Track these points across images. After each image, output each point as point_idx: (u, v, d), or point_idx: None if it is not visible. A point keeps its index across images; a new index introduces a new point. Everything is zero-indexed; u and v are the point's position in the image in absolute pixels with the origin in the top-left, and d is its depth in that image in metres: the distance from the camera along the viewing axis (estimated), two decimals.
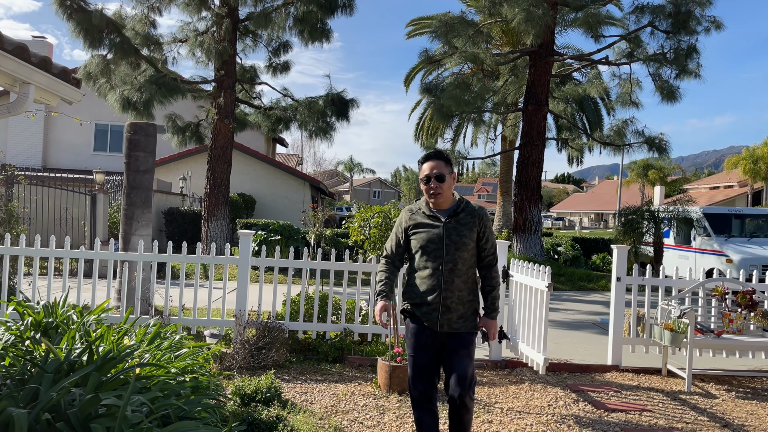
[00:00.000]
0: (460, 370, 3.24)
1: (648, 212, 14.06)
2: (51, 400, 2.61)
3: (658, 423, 4.58)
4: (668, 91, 14.33)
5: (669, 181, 45.78)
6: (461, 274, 3.30)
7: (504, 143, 24.24)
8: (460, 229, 3.32)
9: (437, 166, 3.37)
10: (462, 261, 3.30)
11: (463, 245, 3.31)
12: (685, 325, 5.52)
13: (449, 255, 3.28)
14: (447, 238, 3.30)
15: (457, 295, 3.29)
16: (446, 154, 3.44)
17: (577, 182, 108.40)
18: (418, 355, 3.33)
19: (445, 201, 3.39)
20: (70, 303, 4.97)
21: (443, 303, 3.27)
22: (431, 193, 3.36)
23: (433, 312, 3.29)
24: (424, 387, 3.32)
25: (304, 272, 6.32)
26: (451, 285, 3.27)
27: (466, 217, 3.37)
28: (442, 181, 3.35)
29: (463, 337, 3.31)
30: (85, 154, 25.22)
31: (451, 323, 3.29)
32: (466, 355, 3.28)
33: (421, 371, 3.32)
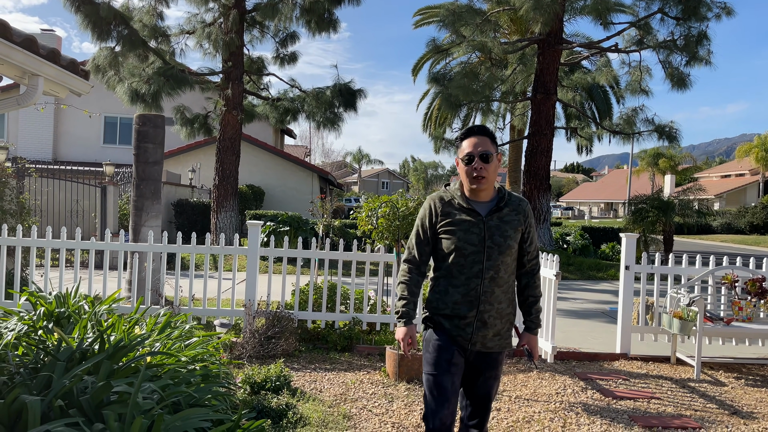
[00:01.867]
0: (483, 393, 2.78)
1: (658, 201, 13.99)
2: (64, 387, 2.66)
3: (667, 410, 4.58)
4: (678, 78, 14.20)
5: (680, 170, 45.45)
6: (502, 282, 2.72)
7: (513, 132, 24.14)
8: (503, 228, 2.70)
9: (482, 143, 2.70)
10: (504, 267, 2.72)
11: (508, 248, 2.70)
12: (694, 313, 5.50)
13: (491, 260, 2.67)
14: (489, 239, 2.68)
15: (496, 308, 2.71)
16: (492, 132, 2.78)
17: (586, 171, 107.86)
18: (441, 375, 2.70)
19: (488, 189, 2.74)
20: (81, 293, 5.03)
21: (480, 317, 2.69)
22: (474, 176, 2.68)
23: (466, 327, 2.70)
24: (444, 416, 2.68)
25: (313, 262, 6.35)
26: (490, 296, 2.69)
27: (510, 214, 2.74)
28: (488, 162, 2.68)
29: (494, 357, 2.78)
30: (95, 147, 25.37)
31: (485, 341, 2.73)
32: (493, 377, 2.79)
33: (444, 396, 2.68)
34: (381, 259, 6.28)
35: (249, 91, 15.49)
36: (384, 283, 6.48)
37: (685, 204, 14.63)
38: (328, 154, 60.72)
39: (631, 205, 15.05)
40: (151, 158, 6.98)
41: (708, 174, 53.86)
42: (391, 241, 5.81)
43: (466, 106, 16.09)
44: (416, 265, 2.84)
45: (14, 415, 2.57)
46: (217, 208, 14.40)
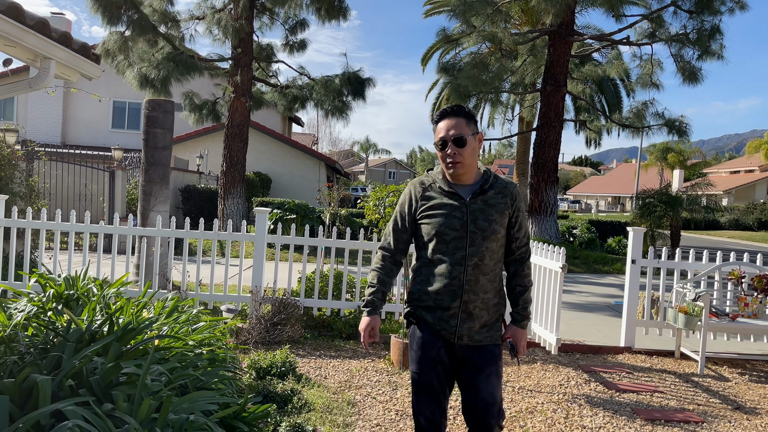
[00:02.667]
0: (486, 394, 2.53)
1: (666, 196, 13.93)
2: (74, 367, 2.69)
3: (670, 404, 4.60)
4: (690, 72, 14.09)
5: (689, 165, 45.18)
6: (488, 270, 2.54)
7: (521, 124, 24.04)
8: (488, 211, 2.54)
9: (456, 125, 2.51)
10: (490, 254, 2.54)
11: (493, 233, 2.53)
12: (699, 308, 5.50)
13: (474, 246, 2.50)
14: (472, 223, 2.51)
15: (481, 298, 2.54)
16: (468, 110, 2.58)
17: (594, 165, 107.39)
18: (425, 372, 2.56)
19: (467, 173, 2.56)
20: (90, 276, 5.07)
21: (464, 308, 2.52)
22: (448, 162, 2.53)
23: (450, 319, 2.53)
24: (432, 413, 2.57)
25: (319, 250, 6.38)
26: (475, 285, 2.52)
27: (495, 196, 2.57)
28: (462, 146, 2.50)
29: (487, 350, 2.57)
30: (104, 131, 25.45)
31: (471, 334, 2.54)
32: (494, 374, 2.56)
33: (429, 393, 2.56)
34: None
35: (258, 78, 15.48)
36: None
37: (693, 199, 14.58)
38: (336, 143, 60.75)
39: (639, 199, 15.01)
40: (160, 143, 7.00)
41: (717, 169, 53.51)
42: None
43: (476, 96, 16.03)
44: (391, 253, 2.69)
45: (25, 394, 2.61)
46: (225, 194, 14.45)
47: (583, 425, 4.07)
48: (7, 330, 4.10)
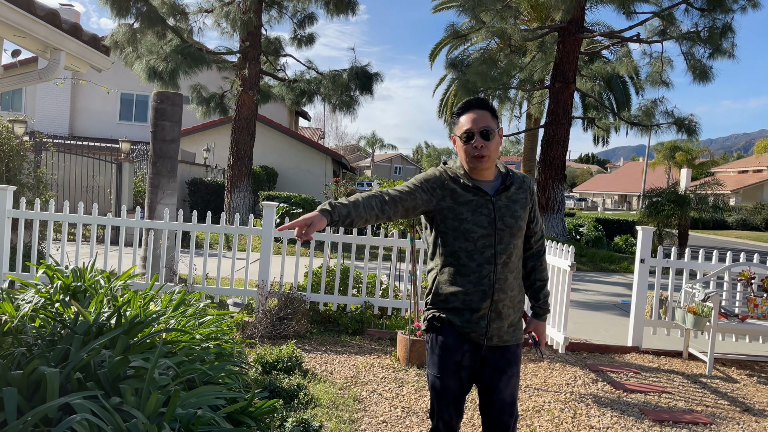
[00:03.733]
0: (506, 395, 2.50)
1: (674, 194, 13.85)
2: (81, 360, 2.69)
3: (678, 405, 4.57)
4: (701, 71, 13.98)
5: (696, 164, 44.91)
6: (514, 267, 2.49)
7: (529, 121, 23.95)
8: (513, 208, 2.48)
9: (482, 118, 2.43)
10: (516, 251, 2.49)
11: (519, 230, 2.48)
12: (708, 308, 5.46)
13: (503, 244, 2.43)
14: (500, 220, 2.44)
15: (509, 297, 2.47)
16: (492, 105, 2.50)
17: (601, 163, 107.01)
18: (448, 377, 2.48)
19: (490, 168, 2.48)
20: (97, 269, 5.07)
21: (494, 308, 2.43)
22: (475, 155, 2.42)
23: (480, 320, 2.43)
24: (450, 417, 2.54)
25: (326, 245, 6.36)
26: (504, 284, 2.44)
27: (517, 192, 2.52)
28: (489, 140, 2.43)
29: (512, 351, 2.51)
30: (111, 123, 25.50)
31: (501, 334, 2.46)
32: (515, 375, 2.52)
33: (451, 398, 2.51)
34: (394, 244, 6.28)
35: (266, 72, 15.46)
36: (396, 268, 6.48)
37: (702, 198, 14.48)
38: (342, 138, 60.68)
39: (647, 197, 14.92)
40: (168, 136, 6.99)
41: (725, 169, 53.20)
42: (405, 226, 5.80)
43: (484, 92, 15.96)
44: (383, 198, 2.41)
45: (33, 386, 2.61)
46: (231, 188, 14.45)
47: (591, 425, 4.04)
48: (14, 321, 4.10)
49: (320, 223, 2.25)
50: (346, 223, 2.35)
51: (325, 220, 2.27)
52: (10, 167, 7.82)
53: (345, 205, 2.33)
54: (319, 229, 2.26)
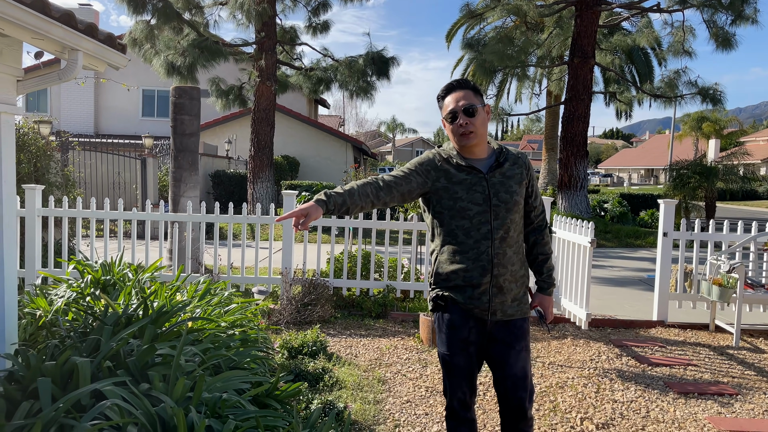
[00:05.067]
0: (517, 369, 2.54)
1: (700, 166, 13.61)
2: (111, 349, 2.79)
3: (704, 377, 4.55)
4: (723, 38, 13.64)
5: (725, 134, 43.85)
6: (512, 243, 2.53)
7: (549, 98, 23.64)
8: (507, 183, 2.52)
9: (464, 96, 2.50)
10: (514, 226, 2.53)
11: (515, 205, 2.52)
12: (734, 279, 5.40)
13: (499, 219, 2.48)
14: (494, 197, 2.48)
15: (510, 271, 2.51)
16: (475, 84, 2.56)
17: (626, 137, 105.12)
18: (457, 354, 2.55)
19: (479, 145, 2.53)
20: (125, 262, 5.21)
21: (495, 282, 2.49)
22: (461, 133, 2.48)
23: (482, 296, 2.49)
24: (464, 394, 2.59)
25: (347, 231, 6.42)
26: (503, 258, 2.49)
27: (511, 168, 2.56)
28: (473, 115, 2.47)
29: (518, 325, 2.56)
30: (134, 120, 25.88)
31: (504, 308, 2.52)
32: (524, 349, 2.56)
33: (462, 375, 2.56)
34: (414, 227, 6.31)
35: (282, 62, 15.51)
36: (417, 252, 6.52)
37: (729, 169, 14.20)
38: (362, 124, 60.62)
39: (673, 170, 14.68)
40: (187, 130, 7.10)
41: (755, 138, 51.86)
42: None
43: (501, 71, 15.80)
44: (379, 184, 2.47)
45: (66, 375, 2.72)
46: (254, 178, 14.60)
47: (614, 399, 4.06)
48: (48, 315, 4.26)
49: (316, 213, 2.29)
50: (342, 211, 2.40)
51: (321, 210, 2.32)
52: (38, 167, 8.03)
53: (340, 194, 2.38)
54: (315, 219, 2.30)
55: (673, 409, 3.92)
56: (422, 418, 3.73)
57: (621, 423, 3.69)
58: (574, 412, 3.83)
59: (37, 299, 4.42)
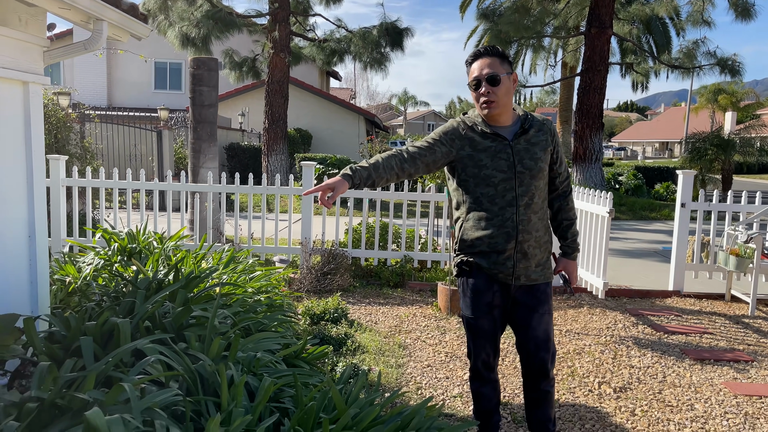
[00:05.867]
0: (540, 332, 2.61)
1: (718, 139, 13.49)
2: (147, 311, 2.90)
3: (719, 345, 4.61)
4: (743, 8, 13.38)
5: (741, 107, 43.10)
6: (537, 209, 2.57)
7: (564, 70, 23.36)
8: (532, 150, 2.54)
9: (490, 64, 2.50)
10: (538, 192, 2.56)
11: (539, 171, 2.54)
12: (751, 249, 5.42)
13: (524, 186, 2.51)
14: (519, 163, 2.51)
15: (534, 237, 2.55)
16: (502, 51, 2.56)
17: (640, 110, 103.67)
18: (482, 318, 2.61)
19: (503, 113, 2.54)
20: (149, 231, 5.33)
21: (519, 248, 2.53)
22: (483, 101, 2.51)
23: (506, 261, 2.54)
24: (487, 356, 2.68)
25: (365, 202, 6.49)
26: (528, 224, 2.53)
27: (536, 135, 2.58)
28: (496, 84, 2.48)
29: (541, 289, 2.61)
30: (147, 92, 25.92)
31: (528, 273, 2.57)
32: (547, 312, 2.62)
33: (486, 338, 2.64)
34: (432, 198, 6.36)
35: (296, 33, 15.42)
36: (434, 223, 6.59)
37: (747, 141, 14.06)
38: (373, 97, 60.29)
39: (689, 143, 14.56)
40: (206, 101, 7.15)
41: None
42: (443, 180, 5.87)
43: (517, 42, 15.63)
44: (403, 156, 2.53)
45: (105, 335, 2.83)
46: (268, 151, 14.66)
47: (631, 365, 4.14)
48: (78, 281, 4.39)
49: (342, 187, 2.34)
50: (367, 184, 2.48)
51: (347, 184, 2.37)
52: (59, 138, 8.13)
53: (365, 167, 2.45)
54: (341, 193, 2.35)
55: (689, 374, 3.99)
56: (443, 381, 3.83)
57: (638, 387, 3.77)
58: (591, 377, 3.92)
59: (66, 266, 4.54)
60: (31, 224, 3.93)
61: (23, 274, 3.81)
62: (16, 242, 3.80)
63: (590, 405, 3.52)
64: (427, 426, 2.13)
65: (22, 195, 3.97)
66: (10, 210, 3.76)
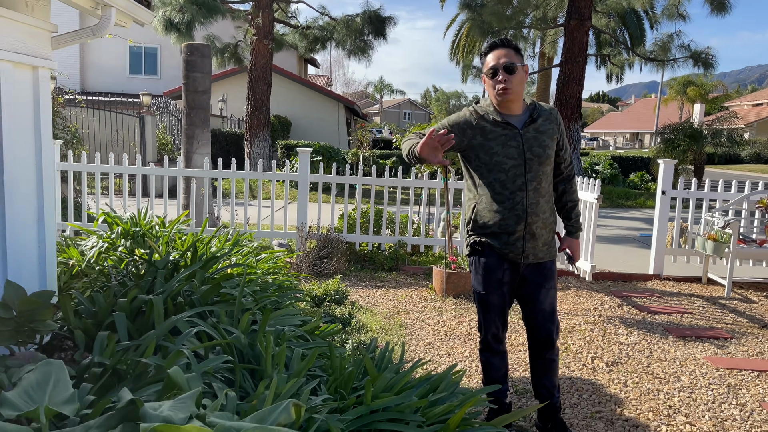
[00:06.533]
0: (546, 305, 2.83)
1: (690, 130, 13.92)
2: (174, 289, 3.03)
3: (699, 323, 4.91)
4: (718, 1, 13.79)
5: (710, 99, 44.14)
6: (544, 192, 2.76)
7: (542, 60, 23.68)
8: (541, 138, 2.72)
9: (506, 54, 2.67)
10: (545, 177, 2.76)
11: (547, 158, 2.73)
12: (728, 235, 5.73)
13: (532, 172, 2.70)
14: (528, 151, 2.69)
15: (542, 219, 2.74)
16: (516, 44, 2.75)
17: (612, 101, 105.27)
18: (493, 294, 2.81)
19: (515, 101, 2.72)
20: (151, 215, 5.41)
21: (528, 230, 2.72)
22: (499, 89, 2.66)
23: (516, 242, 2.73)
24: (497, 329, 2.88)
25: (358, 188, 6.65)
26: (536, 207, 2.71)
27: (544, 123, 2.76)
28: (512, 73, 2.65)
29: (547, 266, 2.83)
30: (122, 77, 25.54)
31: (536, 252, 2.77)
32: (553, 287, 2.84)
33: (496, 312, 2.84)
34: (425, 185, 6.55)
35: (279, 20, 15.42)
36: (427, 212, 6.78)
37: (717, 133, 14.55)
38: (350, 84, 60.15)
39: (662, 134, 15.00)
40: (200, 87, 7.20)
41: (739, 102, 52.37)
42: (438, 167, 6.06)
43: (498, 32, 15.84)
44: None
45: (134, 312, 2.96)
46: (251, 137, 14.68)
47: (620, 341, 4.40)
48: (82, 264, 4.48)
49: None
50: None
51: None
52: None
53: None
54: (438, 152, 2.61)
55: (673, 350, 4.27)
56: (445, 357, 4.04)
57: (628, 361, 4.03)
58: (584, 353, 4.17)
59: (69, 249, 4.62)
60: (40, 207, 4.02)
61: (33, 256, 3.90)
62: (26, 224, 3.88)
63: (585, 378, 3.76)
64: (452, 390, 2.32)
65: (32, 178, 4.06)
66: (20, 193, 3.84)
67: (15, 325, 2.54)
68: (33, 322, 2.56)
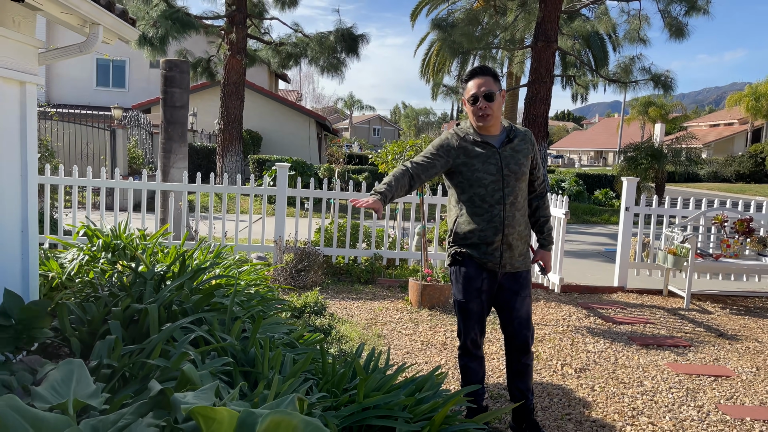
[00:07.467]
0: (522, 312, 3.03)
1: (652, 149, 14.48)
2: (166, 298, 3.14)
3: (661, 333, 5.19)
4: (677, 28, 14.44)
5: (670, 119, 45.80)
6: (520, 207, 2.98)
7: (510, 80, 24.29)
8: (516, 156, 2.95)
9: (485, 83, 2.90)
10: (521, 192, 2.99)
11: (522, 175, 2.97)
12: (686, 249, 6.07)
13: (509, 187, 2.93)
14: (506, 167, 2.92)
15: (517, 231, 2.97)
16: (494, 70, 2.99)
17: (577, 120, 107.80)
18: (472, 301, 3.01)
19: (494, 125, 2.96)
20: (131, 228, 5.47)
21: (505, 241, 2.94)
22: (480, 115, 2.90)
23: (494, 252, 2.94)
24: (476, 335, 3.07)
25: (334, 203, 6.81)
26: (513, 220, 2.94)
27: (520, 143, 2.99)
28: (492, 101, 2.89)
29: (523, 276, 3.04)
30: (89, 89, 25.25)
31: (513, 262, 2.99)
32: (528, 295, 3.05)
33: (475, 318, 3.03)
34: (400, 200, 6.75)
35: (252, 36, 15.53)
36: (402, 226, 6.97)
37: (677, 152, 15.15)
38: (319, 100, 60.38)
39: (625, 152, 15.55)
40: (177, 102, 7.30)
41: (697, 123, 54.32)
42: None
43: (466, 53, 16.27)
44: (411, 172, 2.91)
45: (128, 320, 3.06)
46: (223, 152, 14.70)
47: (587, 350, 4.64)
48: (62, 276, 4.54)
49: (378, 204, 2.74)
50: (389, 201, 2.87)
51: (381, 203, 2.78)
52: None
53: (389, 189, 2.83)
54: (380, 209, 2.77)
55: (637, 357, 4.52)
56: (423, 365, 4.21)
57: (595, 368, 4.27)
58: (554, 360, 4.39)
59: (49, 262, 4.66)
60: (24, 219, 4.09)
61: (16, 268, 3.96)
62: (10, 236, 3.94)
63: (555, 383, 3.97)
64: (436, 390, 2.49)
65: (17, 191, 4.13)
66: (6, 205, 3.92)
67: (14, 333, 2.62)
68: (31, 330, 2.65)
